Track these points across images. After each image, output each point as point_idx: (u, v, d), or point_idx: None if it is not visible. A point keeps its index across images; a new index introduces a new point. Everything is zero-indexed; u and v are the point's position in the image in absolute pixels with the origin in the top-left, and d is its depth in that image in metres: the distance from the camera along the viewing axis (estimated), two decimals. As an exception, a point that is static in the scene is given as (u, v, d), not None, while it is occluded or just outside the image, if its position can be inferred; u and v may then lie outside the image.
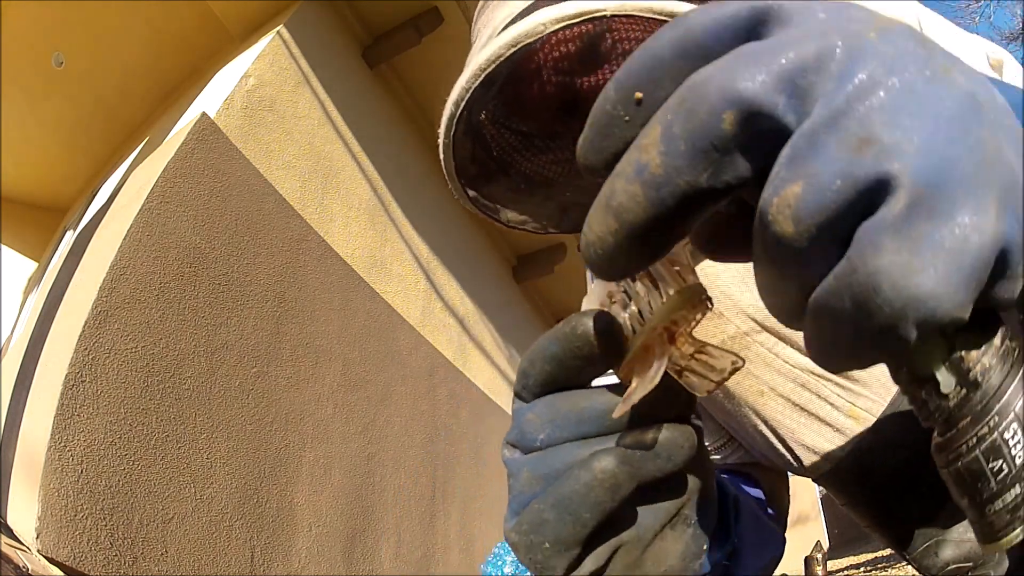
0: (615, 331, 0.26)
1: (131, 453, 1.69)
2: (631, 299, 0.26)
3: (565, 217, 0.57)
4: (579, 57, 0.49)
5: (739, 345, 0.53)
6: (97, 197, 3.20)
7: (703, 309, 0.24)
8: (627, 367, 0.26)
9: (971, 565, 0.55)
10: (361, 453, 2.58)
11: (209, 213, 2.13)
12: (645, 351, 0.25)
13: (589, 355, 0.26)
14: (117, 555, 1.58)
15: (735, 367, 0.25)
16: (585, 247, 0.21)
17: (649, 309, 0.25)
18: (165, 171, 2.02)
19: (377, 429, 2.72)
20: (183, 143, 2.10)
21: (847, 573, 4.76)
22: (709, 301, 0.25)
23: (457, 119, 0.48)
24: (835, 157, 0.17)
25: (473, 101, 0.47)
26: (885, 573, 3.71)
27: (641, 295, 0.25)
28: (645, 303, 0.25)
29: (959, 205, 0.17)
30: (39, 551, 1.43)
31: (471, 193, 0.53)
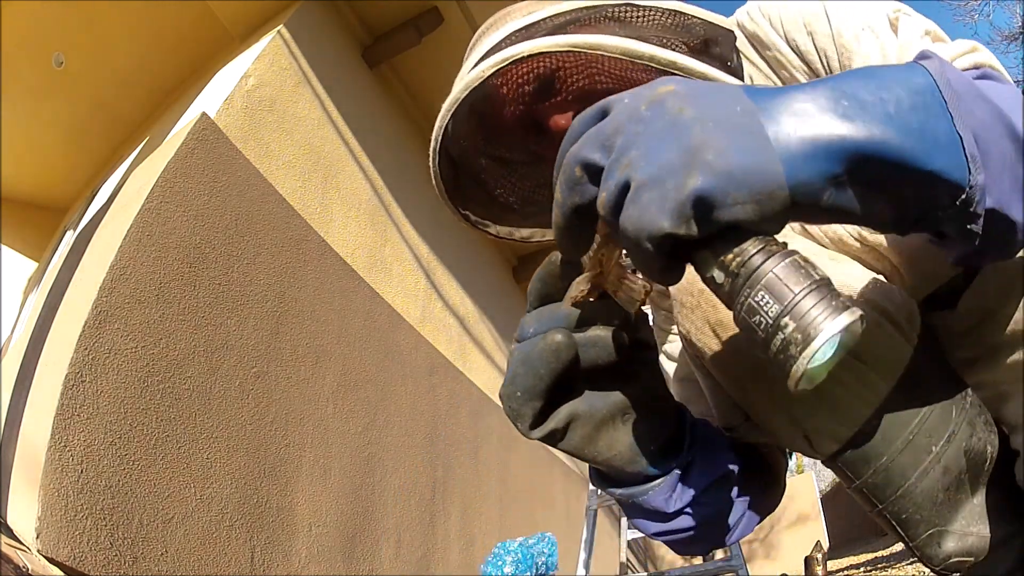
0: (574, 263, 0.43)
1: (131, 453, 1.69)
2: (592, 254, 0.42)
3: (538, 228, 0.73)
4: (535, 87, 0.62)
5: None
6: (97, 197, 3.20)
7: (619, 248, 0.40)
8: (576, 285, 0.44)
9: (973, 560, 0.55)
10: (361, 453, 2.58)
11: (209, 213, 2.13)
12: (586, 275, 0.43)
13: (557, 274, 0.44)
14: (117, 555, 1.58)
15: (647, 292, 0.41)
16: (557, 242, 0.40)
17: (595, 255, 0.41)
18: (165, 171, 2.02)
19: (377, 429, 2.72)
20: (183, 143, 2.10)
21: (847, 573, 4.76)
22: (623, 251, 0.39)
23: (439, 151, 0.63)
24: (615, 174, 0.34)
25: (447, 138, 0.62)
26: (885, 573, 3.71)
27: (594, 250, 0.41)
28: (595, 253, 0.41)
29: (664, 181, 0.33)
30: (39, 551, 1.43)
31: (463, 211, 0.67)
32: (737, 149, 0.32)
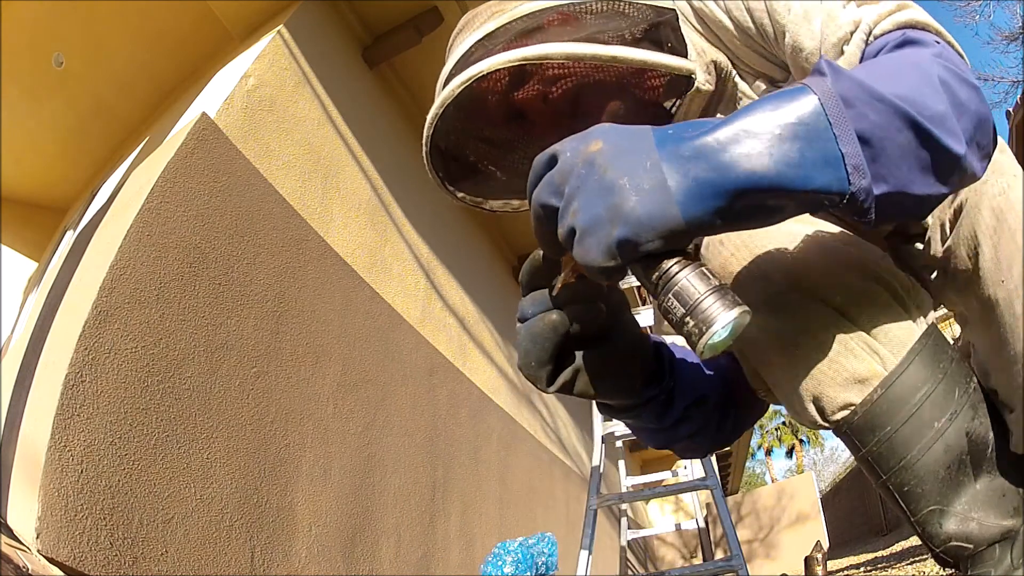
0: (554, 261, 0.57)
1: (131, 453, 1.68)
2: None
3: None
4: (508, 81, 0.73)
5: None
6: (97, 197, 3.20)
7: (573, 260, 0.53)
8: (563, 274, 0.57)
9: (972, 547, 0.56)
10: (361, 453, 2.58)
11: (209, 213, 2.13)
12: (570, 265, 0.56)
13: (540, 268, 0.57)
14: (117, 555, 1.58)
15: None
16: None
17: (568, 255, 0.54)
18: (165, 171, 2.02)
19: (377, 429, 2.72)
20: (183, 143, 2.10)
21: (847, 573, 4.76)
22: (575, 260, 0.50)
23: (429, 145, 0.71)
24: (567, 219, 0.48)
25: (436, 135, 0.71)
26: (885, 573, 3.71)
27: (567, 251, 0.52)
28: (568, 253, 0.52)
29: (597, 231, 0.46)
30: (39, 551, 1.43)
31: (460, 195, 0.77)
32: (644, 203, 0.44)
